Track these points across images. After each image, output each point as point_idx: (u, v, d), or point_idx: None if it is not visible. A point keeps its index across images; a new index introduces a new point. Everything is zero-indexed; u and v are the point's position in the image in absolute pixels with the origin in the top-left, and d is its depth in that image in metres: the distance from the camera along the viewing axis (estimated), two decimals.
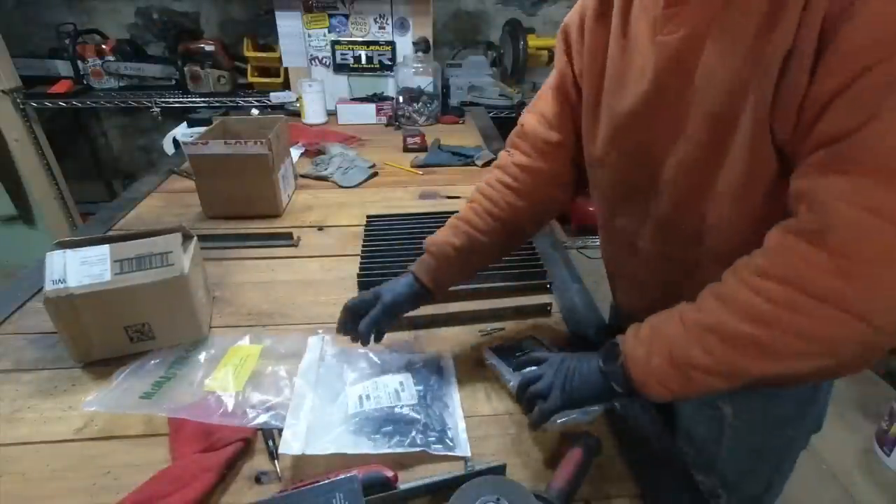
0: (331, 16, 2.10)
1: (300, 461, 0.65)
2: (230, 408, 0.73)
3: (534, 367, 0.70)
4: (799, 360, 0.49)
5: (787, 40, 0.47)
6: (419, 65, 2.08)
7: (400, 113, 2.08)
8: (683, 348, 0.53)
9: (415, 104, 2.06)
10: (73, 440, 0.70)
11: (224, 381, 0.78)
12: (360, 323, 0.75)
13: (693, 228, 0.63)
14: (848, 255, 0.45)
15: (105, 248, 0.80)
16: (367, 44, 2.15)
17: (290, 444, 0.64)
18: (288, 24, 2.11)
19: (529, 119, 0.84)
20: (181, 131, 1.91)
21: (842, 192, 0.45)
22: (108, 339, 0.81)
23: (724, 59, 0.53)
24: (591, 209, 2.54)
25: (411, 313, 0.82)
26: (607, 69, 0.66)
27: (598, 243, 0.86)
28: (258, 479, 0.64)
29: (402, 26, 2.14)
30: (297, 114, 2.09)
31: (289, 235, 1.19)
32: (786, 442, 0.75)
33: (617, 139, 0.68)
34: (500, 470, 0.63)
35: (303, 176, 1.55)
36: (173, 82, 2.32)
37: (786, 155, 0.52)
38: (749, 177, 0.54)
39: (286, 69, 2.24)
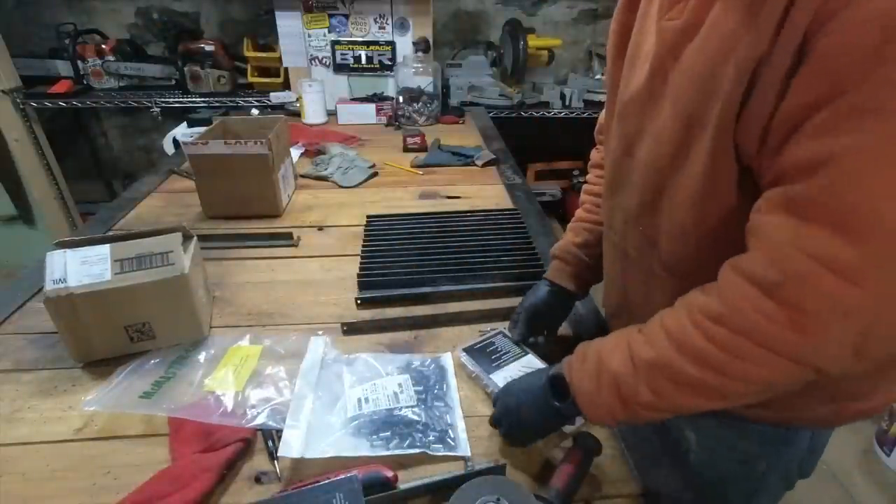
0: (331, 16, 2.10)
1: (300, 461, 0.65)
2: (230, 408, 0.73)
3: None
4: (739, 399, 0.50)
5: (760, 45, 0.45)
6: (419, 65, 2.08)
7: (400, 113, 2.08)
8: (631, 386, 0.53)
9: (415, 104, 2.06)
10: (73, 440, 0.70)
11: (224, 381, 0.78)
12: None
13: (650, 230, 0.62)
14: (801, 308, 0.44)
15: (105, 248, 0.80)
16: (367, 44, 2.15)
17: (290, 447, 0.64)
18: (288, 24, 2.11)
19: (604, 115, 0.85)
20: (181, 131, 1.91)
21: (797, 238, 0.44)
22: (109, 338, 0.81)
23: (704, 53, 0.50)
24: None
25: (411, 313, 0.82)
26: (628, 50, 0.64)
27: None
28: (258, 480, 0.64)
29: (402, 26, 2.14)
30: (297, 114, 2.09)
31: (289, 235, 1.19)
32: (757, 478, 0.72)
33: (619, 123, 0.66)
34: (500, 470, 0.63)
35: (303, 176, 1.55)
36: (173, 82, 2.32)
37: (749, 171, 0.50)
38: (707, 185, 0.53)
39: (286, 69, 2.24)
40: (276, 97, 2.22)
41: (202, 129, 1.35)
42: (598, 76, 2.55)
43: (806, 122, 0.43)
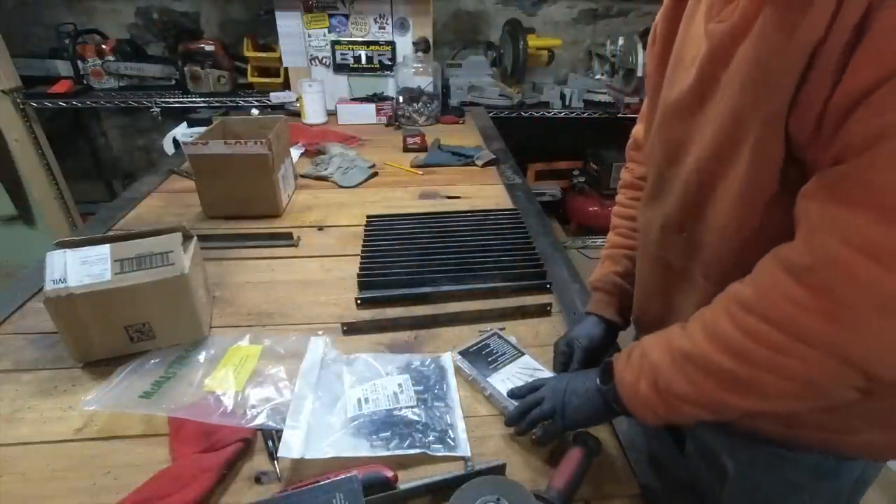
0: (331, 16, 2.10)
1: (300, 461, 0.65)
2: (230, 408, 0.73)
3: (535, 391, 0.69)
4: (777, 399, 0.47)
5: (818, 29, 0.42)
6: (419, 65, 2.08)
7: (400, 113, 2.08)
8: (667, 377, 0.52)
9: (415, 104, 2.06)
10: (73, 440, 0.70)
11: (224, 381, 0.78)
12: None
13: (692, 235, 0.61)
14: (834, 297, 0.42)
15: (105, 248, 0.80)
16: (367, 44, 2.15)
17: (290, 447, 0.64)
18: (288, 24, 2.11)
19: (638, 129, 0.84)
20: (181, 131, 1.91)
21: (838, 225, 0.42)
22: (109, 338, 0.81)
23: (756, 52, 0.48)
24: (591, 209, 2.56)
25: (411, 314, 0.81)
26: (671, 56, 0.63)
27: (597, 243, 0.86)
28: (258, 480, 0.64)
29: (402, 26, 2.14)
30: (297, 114, 2.09)
31: (289, 235, 1.19)
32: None
33: (661, 130, 0.64)
34: (500, 470, 0.63)
35: (303, 176, 1.55)
36: (173, 82, 2.32)
37: (794, 166, 0.48)
38: (750, 183, 0.51)
39: (286, 69, 2.24)
40: (276, 97, 2.22)
41: (202, 129, 1.35)
42: (597, 76, 2.55)
43: (861, 102, 0.41)
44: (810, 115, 0.44)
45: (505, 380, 0.77)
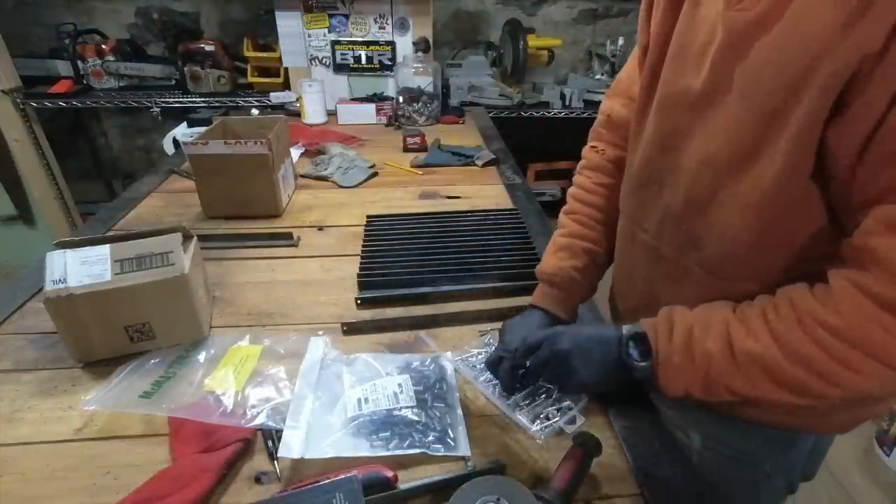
0: (331, 16, 2.10)
1: (300, 462, 0.65)
2: (230, 408, 0.73)
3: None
4: (825, 400, 0.51)
5: (871, 42, 0.40)
6: (419, 65, 2.08)
7: (400, 113, 2.08)
8: (724, 371, 0.53)
9: (415, 104, 2.06)
10: (72, 440, 0.70)
11: (224, 381, 0.78)
12: (501, 375, 0.71)
13: (695, 230, 0.60)
14: None
15: (105, 248, 0.80)
16: (367, 44, 2.15)
17: (290, 448, 0.64)
18: (288, 24, 2.11)
19: (614, 105, 0.78)
20: (181, 131, 1.91)
21: None
22: (109, 338, 0.81)
23: (787, 46, 0.46)
24: None
25: (411, 313, 0.81)
26: (672, 41, 0.60)
27: None
28: (258, 480, 0.64)
29: (402, 26, 2.14)
30: (297, 114, 2.09)
31: (289, 235, 1.19)
32: (760, 479, 0.72)
33: (660, 117, 0.62)
34: (500, 470, 0.63)
35: (303, 176, 1.55)
36: (173, 82, 2.32)
37: (829, 181, 0.48)
38: (777, 190, 0.50)
39: (286, 69, 2.24)
40: (276, 97, 2.22)
41: (202, 129, 1.35)
42: (598, 76, 2.55)
43: None
44: (856, 135, 0.43)
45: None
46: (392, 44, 2.16)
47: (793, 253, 0.51)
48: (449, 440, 0.68)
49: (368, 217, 1.26)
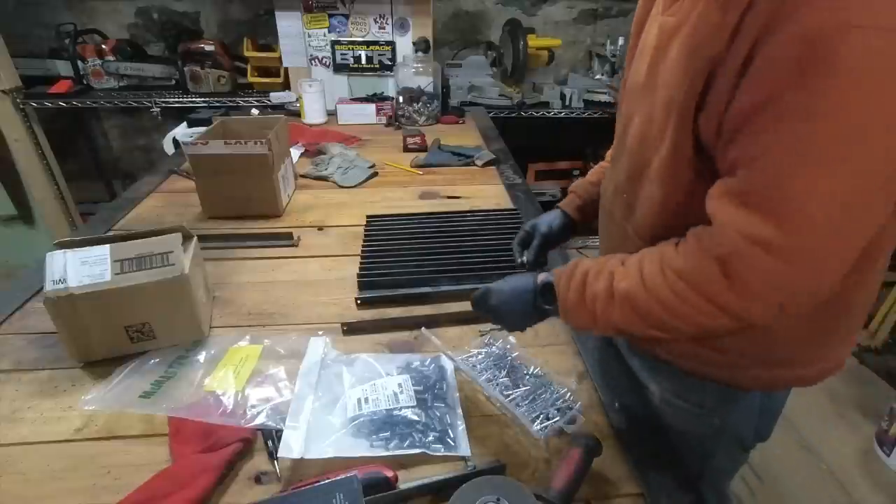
0: (331, 16, 2.10)
1: (300, 462, 0.65)
2: (230, 408, 0.73)
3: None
4: (678, 334, 0.61)
5: (719, 45, 0.52)
6: (419, 65, 2.08)
7: (400, 113, 2.08)
8: (606, 308, 0.63)
9: (415, 104, 2.06)
10: (73, 440, 0.70)
11: (224, 381, 0.78)
12: (524, 254, 0.91)
13: (630, 199, 0.72)
14: (743, 279, 0.54)
15: (105, 248, 0.80)
16: (367, 44, 2.15)
17: (290, 448, 0.64)
18: (288, 24, 2.11)
19: None
20: (181, 131, 1.91)
21: (738, 222, 0.53)
22: (109, 338, 0.81)
23: (684, 46, 0.58)
24: None
25: (411, 314, 0.81)
26: (640, 42, 0.73)
27: (597, 243, 0.89)
28: (258, 480, 0.64)
29: (402, 26, 2.14)
30: (297, 114, 2.09)
31: (289, 235, 1.19)
32: (712, 433, 0.79)
33: (622, 106, 0.77)
34: (500, 470, 0.63)
35: (303, 176, 1.55)
36: (173, 82, 2.32)
37: (707, 156, 0.58)
38: (670, 164, 0.62)
39: (286, 69, 2.24)
40: (276, 97, 2.22)
41: (202, 129, 1.35)
42: (598, 76, 2.55)
43: (747, 121, 0.51)
44: (713, 120, 0.55)
45: (503, 381, 0.77)
46: (392, 44, 2.16)
47: (695, 219, 0.59)
48: (449, 440, 0.68)
49: (368, 217, 1.26)
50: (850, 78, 0.46)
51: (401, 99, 2.07)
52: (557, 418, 0.71)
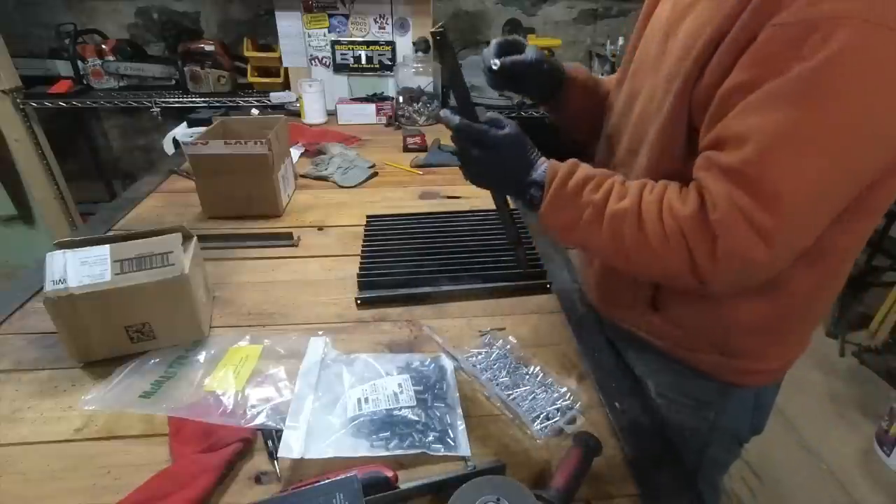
0: (331, 16, 2.10)
1: (300, 462, 0.65)
2: (230, 408, 0.73)
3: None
4: (639, 269, 0.66)
5: (724, 25, 0.54)
6: (419, 65, 2.08)
7: (400, 113, 2.08)
8: (593, 219, 0.65)
9: (415, 104, 2.06)
10: (72, 440, 0.70)
11: (224, 381, 0.78)
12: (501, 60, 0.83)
13: (627, 171, 0.74)
14: (716, 242, 0.57)
15: (105, 249, 0.80)
16: (367, 44, 2.15)
17: (290, 448, 0.64)
18: (288, 24, 2.11)
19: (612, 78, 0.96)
20: (181, 131, 1.91)
21: (729, 193, 0.55)
22: (109, 338, 0.81)
23: (693, 24, 0.60)
24: None
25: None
26: (648, 25, 0.75)
27: None
28: (258, 480, 0.64)
29: (402, 26, 2.14)
30: (297, 114, 2.09)
31: (289, 235, 1.19)
32: (707, 426, 0.80)
33: (630, 83, 0.78)
34: (500, 470, 0.63)
35: (303, 176, 1.55)
36: (173, 82, 2.32)
37: (695, 133, 0.61)
38: (665, 138, 0.65)
39: (286, 69, 2.24)
40: (276, 97, 2.22)
41: (202, 129, 1.35)
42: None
43: (739, 98, 0.53)
44: (705, 97, 0.58)
45: (503, 380, 0.77)
46: (392, 44, 2.16)
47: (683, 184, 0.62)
48: (449, 440, 0.68)
49: (368, 217, 1.26)
50: (842, 70, 0.47)
51: (401, 99, 2.08)
52: (557, 418, 0.71)
